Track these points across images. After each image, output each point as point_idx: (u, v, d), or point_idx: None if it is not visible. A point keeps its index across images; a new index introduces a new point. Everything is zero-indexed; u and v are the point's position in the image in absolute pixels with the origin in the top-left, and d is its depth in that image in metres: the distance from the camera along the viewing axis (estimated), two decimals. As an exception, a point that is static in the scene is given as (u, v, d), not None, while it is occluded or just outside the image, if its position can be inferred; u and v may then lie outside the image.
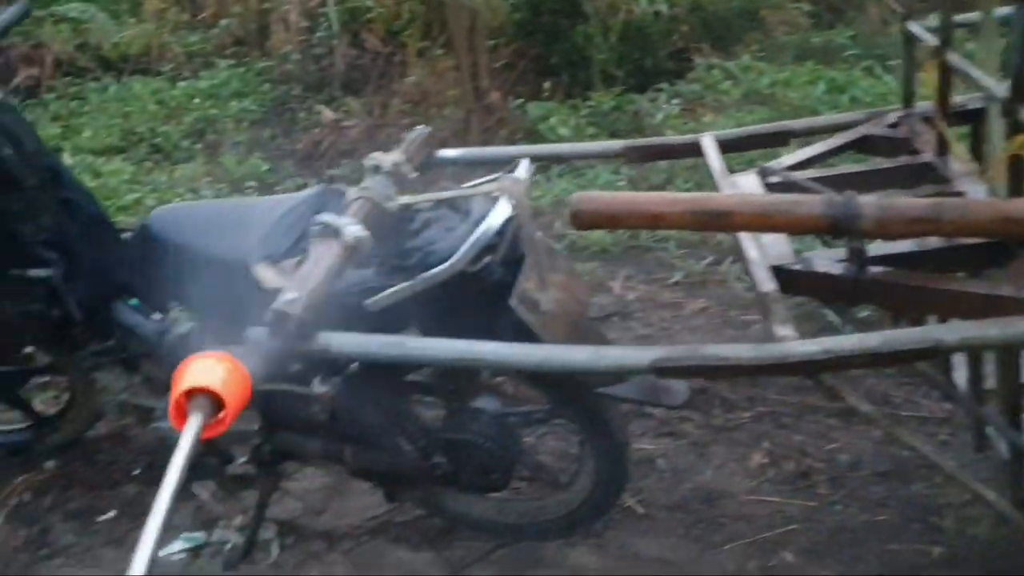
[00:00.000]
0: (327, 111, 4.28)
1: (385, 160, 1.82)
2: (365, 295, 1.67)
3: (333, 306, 1.59)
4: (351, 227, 1.62)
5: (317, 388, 1.81)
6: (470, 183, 1.84)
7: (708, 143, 2.13)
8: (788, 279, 1.63)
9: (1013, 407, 1.74)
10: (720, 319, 2.86)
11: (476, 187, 1.78)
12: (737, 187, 1.92)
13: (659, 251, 3.24)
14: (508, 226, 1.68)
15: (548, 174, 3.63)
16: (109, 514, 2.28)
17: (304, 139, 4.21)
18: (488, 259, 1.68)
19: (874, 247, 1.64)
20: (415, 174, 1.88)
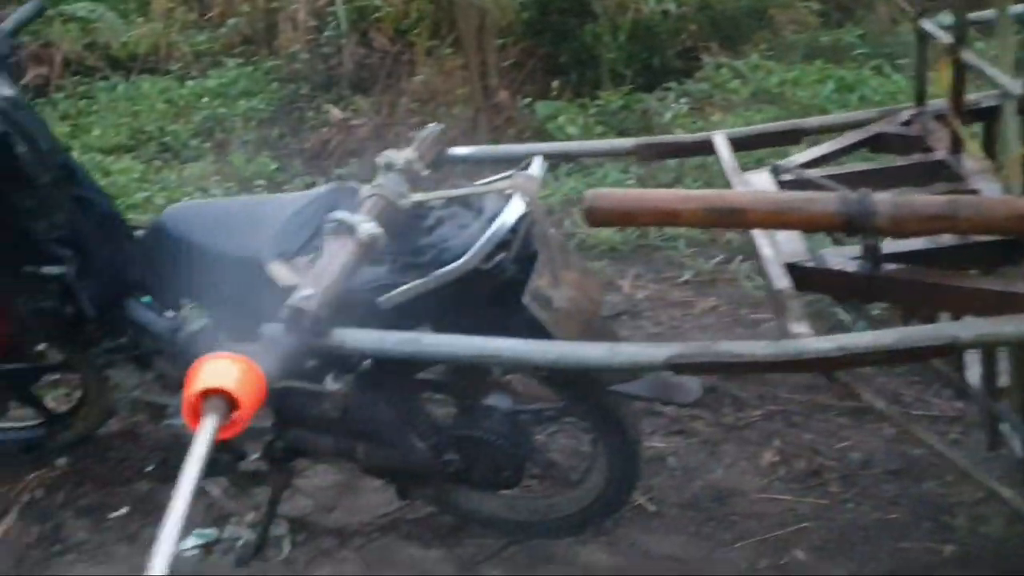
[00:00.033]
0: (335, 110, 4.28)
1: (398, 158, 1.82)
2: (378, 292, 1.67)
3: (346, 303, 1.59)
4: (365, 224, 1.63)
5: (330, 385, 1.81)
6: (483, 180, 1.84)
7: (720, 141, 2.12)
8: (802, 276, 1.63)
9: (1027, 404, 1.74)
10: (730, 318, 2.86)
11: (490, 184, 1.78)
12: (750, 185, 1.92)
13: (668, 250, 3.24)
14: (522, 223, 1.68)
15: (556, 173, 3.63)
16: (121, 511, 2.28)
17: (312, 138, 4.21)
18: (501, 256, 1.67)
19: (887, 245, 1.64)
20: (427, 172, 1.88)
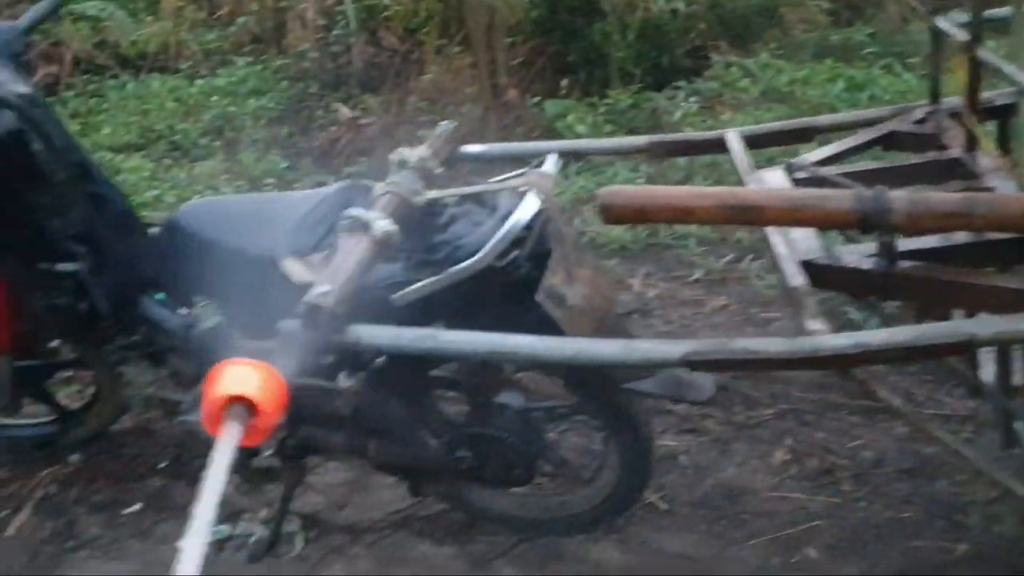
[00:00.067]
0: (344, 109, 4.28)
1: (411, 155, 1.82)
2: (392, 290, 1.68)
3: (361, 300, 1.59)
4: (380, 221, 1.63)
5: (343, 382, 1.81)
6: (497, 178, 1.84)
7: (733, 138, 2.12)
8: (817, 273, 1.63)
9: (1042, 403, 1.73)
10: (741, 316, 2.86)
11: (504, 182, 1.78)
12: (763, 183, 1.92)
13: (679, 249, 3.24)
14: (536, 220, 1.68)
15: (567, 172, 3.62)
16: (134, 507, 2.29)
17: (322, 137, 4.21)
18: (515, 254, 1.67)
19: (902, 242, 1.63)
20: (441, 169, 1.88)
